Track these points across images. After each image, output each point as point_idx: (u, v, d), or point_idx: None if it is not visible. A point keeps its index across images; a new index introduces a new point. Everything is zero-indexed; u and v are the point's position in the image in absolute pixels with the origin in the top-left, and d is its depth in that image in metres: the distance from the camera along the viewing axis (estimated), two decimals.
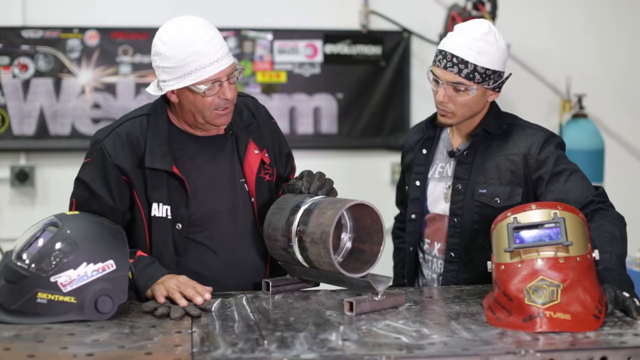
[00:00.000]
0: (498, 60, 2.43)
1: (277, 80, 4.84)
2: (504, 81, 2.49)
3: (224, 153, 2.42)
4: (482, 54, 2.40)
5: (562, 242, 2.00)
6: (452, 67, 2.41)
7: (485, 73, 2.41)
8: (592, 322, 1.93)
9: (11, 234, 4.37)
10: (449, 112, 2.48)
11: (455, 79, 2.42)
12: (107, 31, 4.65)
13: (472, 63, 2.40)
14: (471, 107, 2.48)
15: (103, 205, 2.30)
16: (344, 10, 4.88)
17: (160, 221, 2.33)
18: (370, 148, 4.96)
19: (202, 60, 2.22)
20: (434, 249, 2.61)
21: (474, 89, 2.43)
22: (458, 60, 2.40)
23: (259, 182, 2.44)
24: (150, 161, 2.30)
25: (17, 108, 4.59)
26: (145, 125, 2.35)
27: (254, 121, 2.50)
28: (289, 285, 2.37)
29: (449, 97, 2.45)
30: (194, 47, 2.21)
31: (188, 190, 2.33)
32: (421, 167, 2.64)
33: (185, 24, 2.25)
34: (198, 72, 2.22)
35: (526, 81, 5.00)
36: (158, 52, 2.26)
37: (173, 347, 1.82)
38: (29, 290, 1.99)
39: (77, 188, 2.35)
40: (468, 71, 2.40)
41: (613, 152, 4.99)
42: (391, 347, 1.80)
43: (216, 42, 2.24)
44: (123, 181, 2.32)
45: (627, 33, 5.12)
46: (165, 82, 2.27)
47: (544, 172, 2.44)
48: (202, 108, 2.29)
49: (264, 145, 2.48)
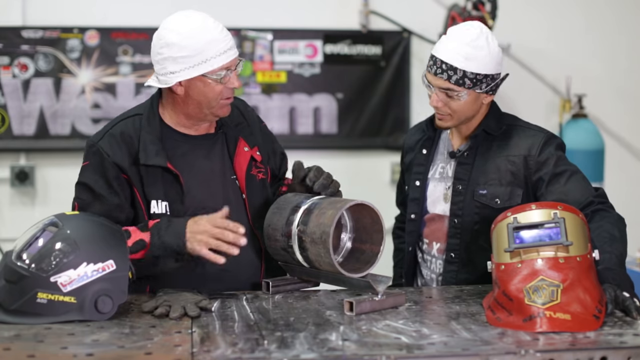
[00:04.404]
0: (489, 64, 2.42)
1: (277, 80, 4.84)
2: (498, 83, 2.49)
3: (214, 151, 2.45)
4: (470, 59, 2.39)
5: (562, 242, 2.00)
6: (442, 74, 2.42)
7: (475, 78, 2.41)
8: (592, 322, 1.93)
9: (11, 234, 4.37)
10: (445, 115, 2.50)
11: (445, 85, 2.43)
12: (107, 31, 4.64)
13: (460, 69, 2.39)
14: (465, 111, 2.48)
15: (108, 204, 2.31)
16: (344, 10, 4.88)
17: (160, 218, 2.33)
18: (370, 148, 4.96)
19: (219, 47, 2.28)
20: (432, 249, 2.61)
21: (465, 95, 2.43)
22: (447, 67, 2.41)
23: (250, 179, 2.46)
24: (145, 158, 2.32)
25: (17, 108, 4.58)
26: (138, 124, 2.38)
27: (244, 121, 2.54)
28: (289, 285, 2.37)
29: (442, 102, 2.46)
30: (211, 35, 2.27)
31: (183, 185, 2.34)
32: (421, 167, 2.64)
33: (193, 15, 2.31)
34: (214, 59, 2.27)
35: (526, 81, 5.00)
36: (170, 43, 2.27)
37: (173, 347, 1.82)
38: (29, 290, 1.99)
39: (78, 192, 2.35)
40: (457, 77, 2.40)
41: (613, 152, 4.99)
42: (391, 347, 1.80)
43: (226, 32, 2.32)
44: (123, 179, 2.33)
45: (627, 33, 5.12)
46: (174, 74, 2.29)
47: (544, 173, 2.44)
48: (211, 97, 2.32)
49: (254, 143, 2.51)
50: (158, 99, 2.43)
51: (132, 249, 2.19)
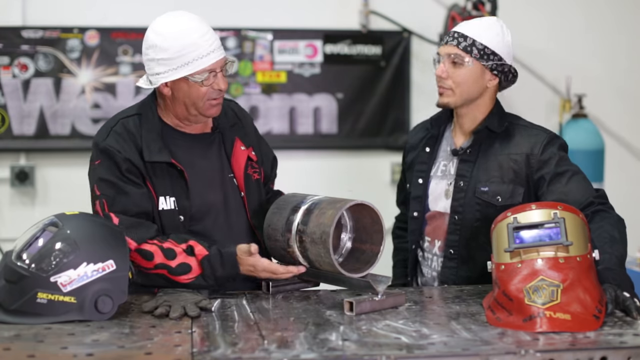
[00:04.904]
0: (499, 43, 2.49)
1: (277, 80, 4.83)
2: (506, 70, 2.51)
3: (212, 149, 2.47)
4: (482, 33, 2.48)
5: (562, 242, 2.00)
6: (452, 41, 2.50)
7: (484, 51, 2.47)
8: (592, 322, 1.93)
9: (11, 234, 4.36)
10: (447, 89, 2.51)
11: (454, 51, 2.49)
12: (107, 31, 4.64)
13: (471, 37, 2.47)
14: (469, 85, 2.50)
15: (134, 195, 2.30)
16: (344, 10, 4.87)
17: (169, 214, 2.35)
18: (370, 148, 4.96)
19: (199, 51, 2.29)
20: (434, 247, 2.61)
21: (470, 62, 2.47)
22: (458, 35, 2.50)
23: (247, 178, 2.48)
24: (149, 155, 2.33)
25: (17, 108, 4.58)
26: (138, 123, 2.39)
27: (238, 121, 2.56)
28: (289, 285, 2.37)
29: (447, 71, 2.50)
30: (190, 39, 2.28)
31: (188, 180, 2.35)
32: (424, 165, 2.65)
33: (179, 17, 2.33)
34: (195, 62, 2.29)
35: (526, 81, 4.98)
36: (153, 45, 2.30)
37: (173, 347, 1.82)
38: (29, 290, 1.99)
39: (102, 189, 2.32)
40: (466, 44, 2.47)
41: (613, 152, 4.99)
42: (391, 347, 1.80)
43: (210, 34, 2.33)
44: (137, 172, 2.33)
45: (627, 33, 5.12)
46: (159, 75, 2.31)
47: (545, 172, 2.44)
48: (196, 99, 2.34)
49: (249, 143, 2.54)
50: (154, 97, 2.45)
51: (175, 271, 2.25)
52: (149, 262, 2.26)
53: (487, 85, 2.52)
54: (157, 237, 2.30)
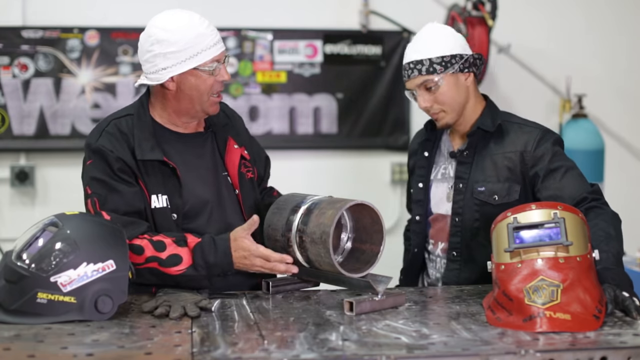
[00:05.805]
0: (449, 44, 2.49)
1: (277, 80, 4.83)
2: (472, 62, 2.53)
3: (205, 148, 2.48)
4: (429, 47, 2.48)
5: (562, 242, 2.00)
6: (413, 72, 2.50)
7: (442, 61, 2.47)
8: (592, 322, 1.93)
9: (11, 234, 4.37)
10: (439, 113, 2.54)
11: (420, 80, 2.50)
12: (107, 31, 4.64)
13: (425, 59, 2.48)
14: (453, 99, 2.52)
15: (126, 193, 2.31)
16: (344, 10, 4.87)
17: (162, 212, 2.35)
18: (370, 148, 4.96)
19: (207, 41, 2.33)
20: (437, 248, 2.63)
21: (441, 80, 2.48)
22: (414, 64, 2.50)
23: (241, 176, 2.50)
24: (141, 154, 2.34)
25: (17, 108, 4.58)
26: (131, 123, 2.40)
27: (229, 122, 2.58)
28: (289, 285, 2.37)
29: (428, 100, 2.52)
30: (197, 30, 2.33)
31: (180, 178, 2.36)
32: (423, 169, 2.67)
33: (179, 13, 2.37)
34: (204, 52, 2.33)
35: (526, 81, 5.00)
36: (159, 40, 2.32)
37: (173, 347, 1.82)
38: (29, 290, 1.99)
39: (94, 188, 2.33)
40: (426, 67, 2.48)
41: (613, 152, 4.99)
42: (391, 347, 1.80)
43: (212, 26, 2.39)
44: (129, 171, 2.34)
45: (627, 33, 5.12)
46: (166, 69, 2.32)
47: (539, 168, 2.45)
48: (203, 91, 2.36)
49: (242, 142, 2.56)
50: (147, 99, 2.46)
51: (165, 262, 2.24)
52: (139, 257, 2.25)
53: (467, 85, 2.54)
54: (148, 232, 2.30)
